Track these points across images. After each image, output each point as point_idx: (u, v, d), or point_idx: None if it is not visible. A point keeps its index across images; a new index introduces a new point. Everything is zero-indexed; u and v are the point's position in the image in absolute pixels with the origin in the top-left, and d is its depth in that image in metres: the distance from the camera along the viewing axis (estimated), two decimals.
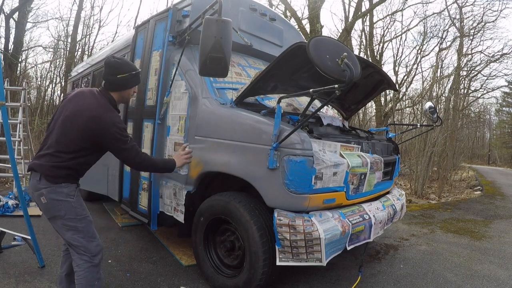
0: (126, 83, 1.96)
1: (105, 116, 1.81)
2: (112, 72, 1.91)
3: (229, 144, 2.31)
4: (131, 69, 1.96)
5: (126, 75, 1.93)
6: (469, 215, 5.59)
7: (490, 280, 2.83)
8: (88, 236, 1.84)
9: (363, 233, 2.29)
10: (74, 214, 1.81)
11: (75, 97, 1.91)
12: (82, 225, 1.82)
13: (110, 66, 1.92)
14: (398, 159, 3.18)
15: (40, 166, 1.79)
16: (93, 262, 1.82)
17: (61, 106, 1.93)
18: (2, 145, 6.28)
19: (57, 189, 1.77)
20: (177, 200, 2.67)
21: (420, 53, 14.59)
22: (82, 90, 1.96)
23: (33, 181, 1.81)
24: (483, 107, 29.12)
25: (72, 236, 1.80)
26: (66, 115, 1.84)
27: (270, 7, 7.04)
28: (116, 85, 1.94)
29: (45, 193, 1.76)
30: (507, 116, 32.72)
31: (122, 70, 1.92)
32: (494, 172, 16.55)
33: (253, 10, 3.28)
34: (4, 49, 9.28)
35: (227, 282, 2.35)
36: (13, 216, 4.06)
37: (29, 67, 14.72)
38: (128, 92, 2.02)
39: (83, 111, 1.81)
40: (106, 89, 1.95)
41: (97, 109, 1.82)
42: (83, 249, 1.81)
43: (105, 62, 1.95)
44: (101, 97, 1.91)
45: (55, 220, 1.83)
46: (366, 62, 2.93)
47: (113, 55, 2.00)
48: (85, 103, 1.85)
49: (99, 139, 1.83)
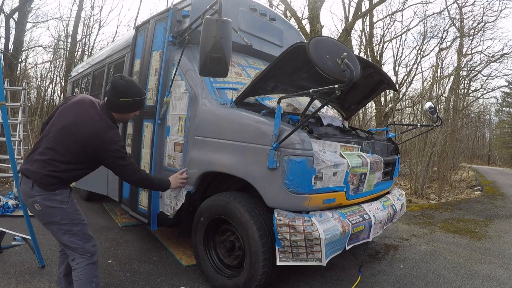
0: (128, 107, 1.93)
1: (106, 133, 1.80)
2: (116, 93, 1.87)
3: (229, 144, 2.31)
4: (136, 94, 1.91)
5: (129, 100, 1.89)
6: (469, 215, 5.59)
7: (490, 280, 2.84)
8: (85, 238, 1.87)
9: (363, 233, 2.29)
10: (69, 219, 1.82)
11: (76, 106, 1.86)
12: (77, 228, 1.84)
13: (114, 88, 1.87)
14: (398, 159, 3.18)
15: (32, 173, 1.75)
16: (92, 260, 1.86)
17: (61, 111, 1.88)
18: (2, 145, 6.28)
19: (51, 197, 1.76)
20: (177, 200, 2.67)
21: (420, 53, 14.63)
22: (84, 100, 1.91)
23: (25, 187, 1.77)
24: (483, 107, 29.17)
25: (69, 239, 1.83)
26: (64, 124, 1.80)
27: (270, 7, 7.04)
28: (117, 107, 1.90)
29: (39, 200, 1.74)
30: (507, 116, 32.72)
31: (127, 94, 1.88)
32: (494, 172, 16.55)
33: (253, 10, 3.28)
34: (4, 49, 9.28)
35: (227, 282, 2.35)
36: (13, 216, 4.06)
37: (29, 67, 14.71)
38: (128, 116, 2.00)
39: (83, 125, 1.78)
40: (107, 107, 1.91)
41: (99, 126, 1.80)
42: (81, 250, 1.84)
43: (111, 80, 1.91)
44: (103, 112, 1.88)
45: (50, 226, 1.83)
46: (366, 62, 2.93)
47: (121, 75, 1.94)
48: (87, 116, 1.81)
49: (98, 155, 1.82)
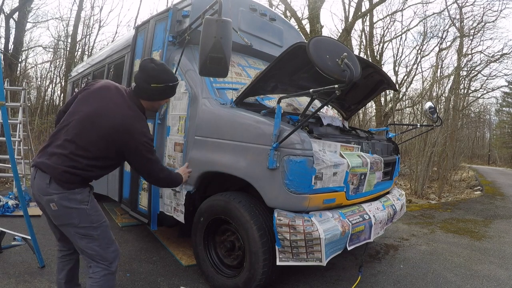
0: (160, 94, 1.74)
1: (134, 125, 1.61)
2: (146, 79, 1.68)
3: (229, 144, 2.31)
4: (169, 79, 1.72)
5: (161, 86, 1.70)
6: (469, 215, 5.58)
7: (490, 280, 2.83)
8: (105, 243, 1.67)
9: (363, 233, 2.29)
10: (89, 221, 1.62)
11: (100, 93, 1.65)
12: (97, 232, 1.65)
13: (144, 72, 1.68)
14: (398, 159, 3.18)
15: (50, 168, 1.55)
16: (110, 270, 1.67)
17: (82, 98, 1.67)
18: (2, 145, 6.28)
19: (70, 196, 1.57)
20: (177, 200, 2.67)
21: (420, 53, 14.64)
22: (109, 86, 1.70)
23: (41, 183, 1.57)
24: (483, 107, 29.20)
25: (87, 245, 1.63)
26: (87, 113, 1.60)
27: (270, 7, 7.04)
28: (148, 94, 1.72)
29: (56, 200, 1.56)
30: (507, 116, 32.73)
31: (158, 79, 1.68)
32: (494, 172, 16.55)
33: (253, 10, 3.28)
34: (4, 49, 9.28)
35: (227, 282, 2.35)
36: (13, 216, 4.06)
37: (29, 67, 14.75)
38: (159, 103, 1.82)
39: (108, 116, 1.58)
40: (136, 93, 1.72)
41: (127, 117, 1.60)
42: (99, 258, 1.65)
43: (141, 64, 1.71)
44: (131, 100, 1.69)
45: (66, 228, 1.64)
46: (366, 62, 2.94)
47: (151, 58, 1.73)
48: (112, 105, 1.61)
49: (123, 150, 1.62)
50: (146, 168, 1.73)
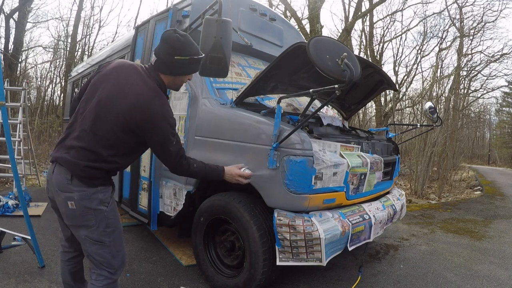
0: (184, 68, 1.57)
1: (155, 106, 1.45)
2: (170, 51, 1.50)
3: (229, 144, 2.31)
4: (194, 52, 1.54)
5: (187, 59, 1.52)
6: (469, 215, 5.58)
7: (490, 280, 2.83)
8: (115, 250, 1.57)
9: (363, 233, 2.29)
10: (105, 225, 1.51)
11: (114, 72, 1.52)
12: (110, 239, 1.54)
13: (168, 43, 1.50)
14: (398, 159, 3.18)
15: (70, 164, 1.44)
16: (113, 278, 1.57)
17: (95, 82, 1.54)
18: (2, 145, 6.27)
19: (92, 195, 1.46)
20: (177, 200, 2.67)
21: (420, 53, 14.66)
22: (123, 65, 1.56)
23: (61, 178, 1.45)
24: (483, 107, 29.21)
25: (97, 251, 1.52)
26: (100, 98, 1.46)
27: (270, 7, 7.05)
28: (171, 67, 1.54)
29: (77, 198, 1.44)
30: (507, 116, 32.74)
31: (183, 51, 1.51)
32: (494, 172, 16.54)
33: (253, 10, 3.28)
34: (4, 49, 9.28)
35: (227, 282, 2.35)
36: (13, 216, 4.06)
37: (29, 67, 14.75)
38: (182, 79, 1.64)
39: (125, 95, 1.44)
40: (156, 68, 1.56)
41: (145, 95, 1.45)
42: (105, 265, 1.55)
43: (163, 35, 1.53)
44: (149, 77, 1.53)
45: (79, 230, 1.52)
46: (366, 62, 2.93)
47: (175, 29, 1.54)
48: (128, 84, 1.47)
49: (142, 133, 1.48)
50: (168, 153, 1.58)
